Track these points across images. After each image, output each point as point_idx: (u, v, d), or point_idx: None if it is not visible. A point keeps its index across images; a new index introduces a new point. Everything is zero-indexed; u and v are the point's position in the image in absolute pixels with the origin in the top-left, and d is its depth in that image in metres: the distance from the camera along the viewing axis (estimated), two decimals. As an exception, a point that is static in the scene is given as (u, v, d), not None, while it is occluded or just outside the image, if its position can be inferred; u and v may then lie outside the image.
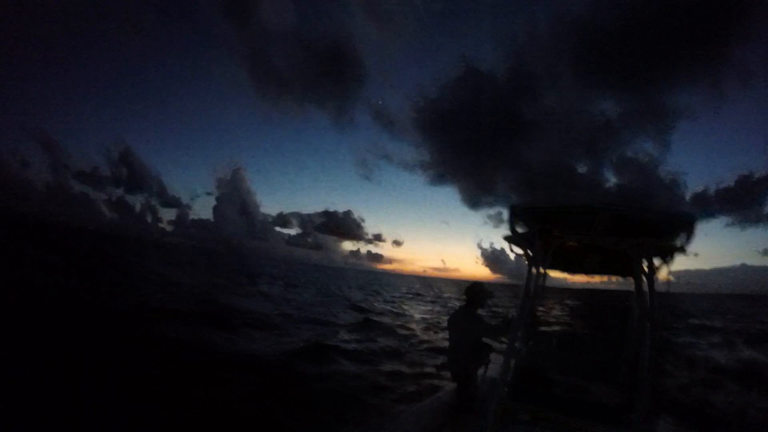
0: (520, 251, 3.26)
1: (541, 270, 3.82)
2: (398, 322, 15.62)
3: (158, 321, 9.94)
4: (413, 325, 15.18)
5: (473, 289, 3.93)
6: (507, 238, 3.10)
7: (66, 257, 21.17)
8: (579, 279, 4.70)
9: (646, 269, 3.05)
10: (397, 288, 48.13)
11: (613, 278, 4.20)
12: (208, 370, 6.60)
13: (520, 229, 3.00)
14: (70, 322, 8.39)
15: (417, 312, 21.23)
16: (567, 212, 2.82)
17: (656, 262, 3.13)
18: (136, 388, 5.38)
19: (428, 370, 8.33)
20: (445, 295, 40.12)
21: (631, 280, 3.54)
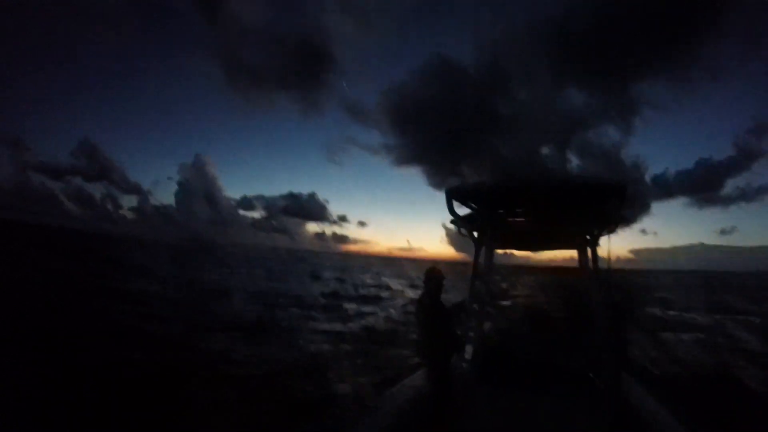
0: (466, 233, 3.27)
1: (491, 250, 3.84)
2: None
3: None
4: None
5: (432, 275, 3.80)
6: (453, 222, 3.10)
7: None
8: (544, 257, 4.80)
9: (588, 240, 3.12)
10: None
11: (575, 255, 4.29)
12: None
13: (461, 212, 3.02)
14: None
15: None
16: (502, 190, 2.83)
17: (596, 232, 3.17)
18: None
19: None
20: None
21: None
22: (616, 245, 3.06)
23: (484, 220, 3.22)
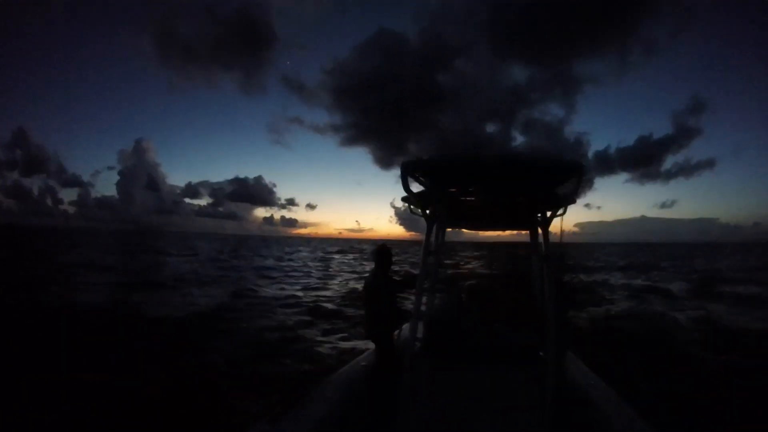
0: (418, 211, 3.22)
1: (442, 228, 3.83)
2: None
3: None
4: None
5: (381, 252, 3.92)
6: (404, 199, 3.04)
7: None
8: (490, 234, 4.85)
9: (539, 219, 3.19)
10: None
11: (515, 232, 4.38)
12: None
13: (414, 189, 2.95)
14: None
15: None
16: (459, 165, 2.78)
17: (549, 213, 3.23)
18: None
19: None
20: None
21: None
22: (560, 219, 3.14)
23: (436, 197, 3.12)
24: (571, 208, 3.10)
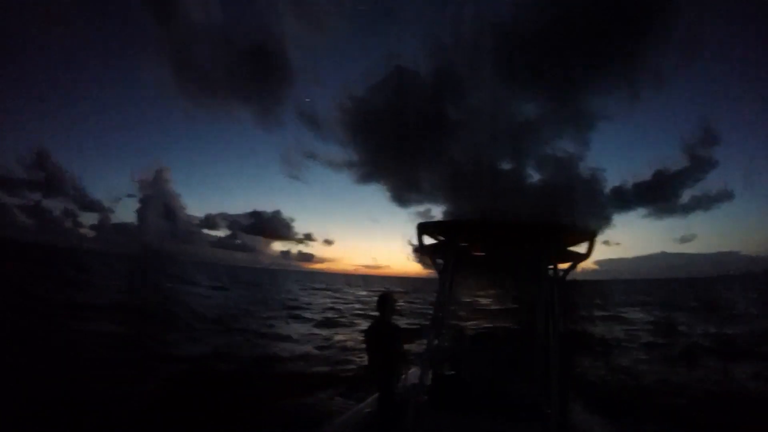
0: (430, 263, 3.38)
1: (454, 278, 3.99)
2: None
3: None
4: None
5: (384, 299, 3.96)
6: (416, 251, 3.22)
7: None
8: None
9: (549, 274, 3.24)
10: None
11: None
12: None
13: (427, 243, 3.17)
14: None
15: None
16: (470, 226, 2.96)
17: (560, 267, 3.32)
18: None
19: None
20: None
21: None
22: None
23: (448, 251, 3.30)
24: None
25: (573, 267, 3.22)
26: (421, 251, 3.21)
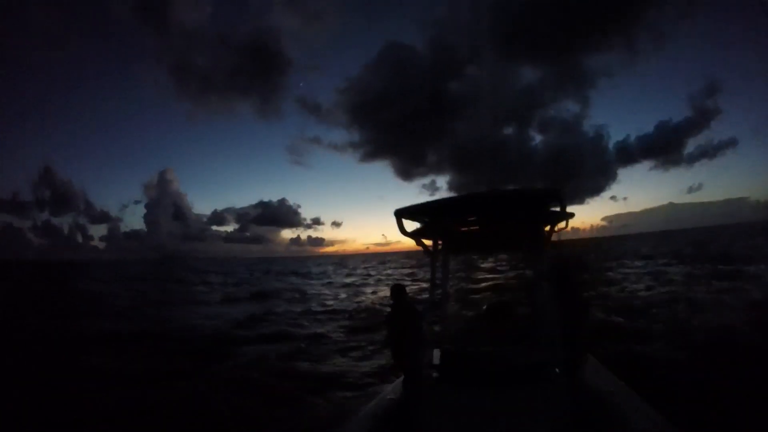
0: (421, 245, 3.48)
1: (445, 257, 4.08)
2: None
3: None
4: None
5: (397, 288, 4.31)
6: (406, 235, 3.30)
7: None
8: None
9: (536, 240, 3.34)
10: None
11: None
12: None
13: (410, 228, 3.26)
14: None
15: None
16: (449, 207, 3.03)
17: (546, 229, 3.49)
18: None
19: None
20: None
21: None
22: (588, 215, 3.27)
23: (435, 230, 3.39)
24: (596, 203, 3.24)
25: (552, 229, 3.41)
26: (407, 236, 3.32)
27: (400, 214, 3.07)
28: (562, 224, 3.53)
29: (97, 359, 9.11)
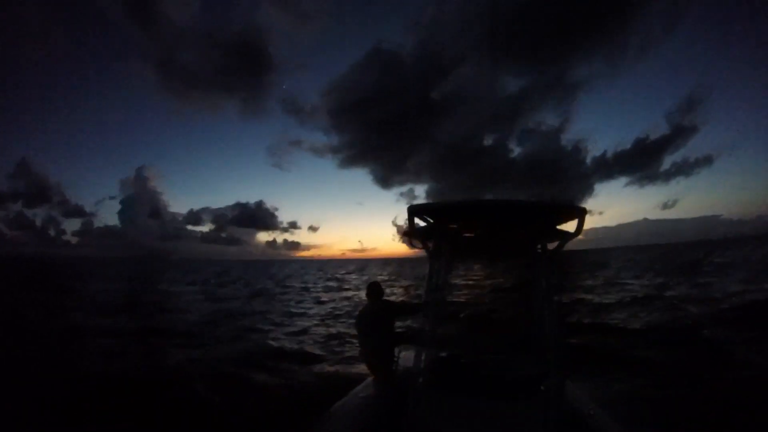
0: (420, 246, 3.33)
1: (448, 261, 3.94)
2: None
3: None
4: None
5: (373, 286, 4.21)
6: (405, 234, 3.14)
7: None
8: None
9: (540, 251, 3.25)
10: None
11: None
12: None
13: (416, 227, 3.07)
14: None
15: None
16: (462, 208, 2.91)
17: (550, 246, 3.39)
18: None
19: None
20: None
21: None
22: (562, 227, 3.24)
23: (438, 233, 3.25)
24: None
25: (562, 245, 3.22)
26: (412, 234, 3.17)
27: (414, 211, 2.88)
28: (568, 241, 3.31)
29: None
